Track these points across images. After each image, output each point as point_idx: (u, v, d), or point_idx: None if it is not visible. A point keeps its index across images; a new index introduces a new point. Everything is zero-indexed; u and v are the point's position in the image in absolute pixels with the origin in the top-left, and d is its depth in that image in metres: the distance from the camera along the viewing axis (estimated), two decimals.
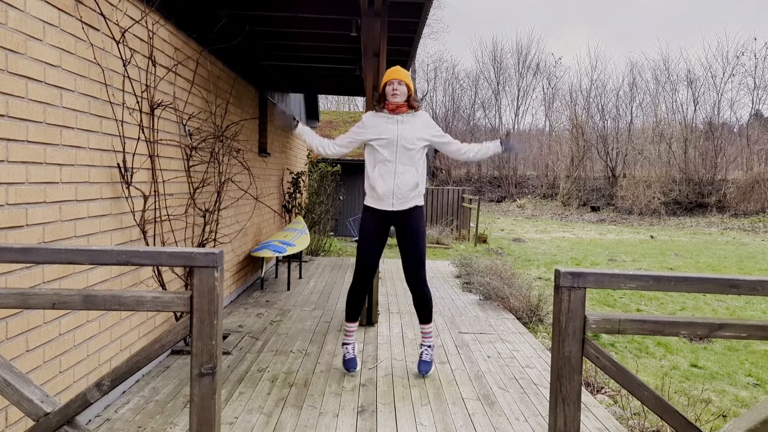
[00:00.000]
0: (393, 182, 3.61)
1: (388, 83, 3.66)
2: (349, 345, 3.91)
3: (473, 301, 6.38)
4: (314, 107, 12.02)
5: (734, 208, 23.88)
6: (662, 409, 1.82)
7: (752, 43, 40.90)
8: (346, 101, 35.57)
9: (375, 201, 3.69)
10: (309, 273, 7.90)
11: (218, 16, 5.03)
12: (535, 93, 47.65)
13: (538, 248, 14.72)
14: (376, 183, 3.63)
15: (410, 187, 3.63)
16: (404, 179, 3.61)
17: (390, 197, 3.63)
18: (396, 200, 3.63)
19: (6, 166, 2.31)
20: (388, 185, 3.61)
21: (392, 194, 3.62)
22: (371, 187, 3.68)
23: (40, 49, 2.51)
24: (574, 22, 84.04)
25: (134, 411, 3.14)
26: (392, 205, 3.64)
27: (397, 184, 3.60)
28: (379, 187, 3.62)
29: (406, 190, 3.62)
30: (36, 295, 1.74)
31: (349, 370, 3.84)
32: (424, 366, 3.86)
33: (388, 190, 3.61)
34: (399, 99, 3.63)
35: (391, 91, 3.64)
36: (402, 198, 3.63)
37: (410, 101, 3.68)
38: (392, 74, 3.67)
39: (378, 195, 3.65)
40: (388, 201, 3.64)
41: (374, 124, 3.68)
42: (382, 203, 3.65)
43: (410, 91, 3.68)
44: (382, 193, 3.62)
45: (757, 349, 6.13)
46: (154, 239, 3.76)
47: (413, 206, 3.69)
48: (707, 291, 1.87)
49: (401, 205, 3.64)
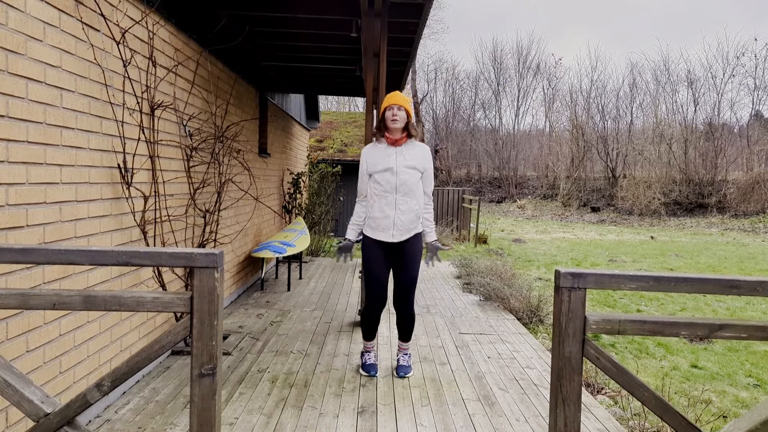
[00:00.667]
0: (393, 215, 3.64)
1: (387, 108, 3.67)
2: (369, 354, 3.96)
3: (473, 301, 6.38)
4: (314, 107, 12.02)
5: (734, 209, 23.87)
6: (662, 410, 1.82)
7: (752, 43, 40.94)
8: (347, 101, 35.59)
9: (375, 232, 3.70)
10: (309, 274, 7.90)
11: (218, 16, 5.03)
12: (536, 93, 47.67)
13: (539, 249, 14.72)
14: (377, 215, 3.67)
15: (411, 219, 3.67)
16: (405, 212, 3.64)
17: (391, 229, 3.66)
18: (396, 231, 3.66)
19: (6, 167, 2.31)
20: (389, 218, 3.64)
21: (393, 226, 3.65)
22: (372, 216, 3.71)
23: (40, 50, 2.51)
24: (574, 22, 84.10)
25: (134, 411, 3.14)
26: (392, 237, 3.67)
27: (398, 216, 3.64)
28: (380, 219, 3.66)
29: (407, 221, 3.66)
30: (36, 295, 1.74)
31: (369, 372, 3.86)
32: (402, 369, 3.88)
33: (389, 223, 3.65)
34: (398, 125, 3.63)
35: (390, 116, 3.64)
36: (403, 230, 3.66)
37: (409, 128, 3.68)
38: (392, 99, 3.67)
39: (379, 225, 3.68)
40: (388, 232, 3.67)
41: (374, 158, 3.70)
42: (383, 234, 3.68)
43: (409, 117, 3.69)
44: (383, 225, 3.66)
45: (758, 350, 6.13)
46: (155, 240, 3.77)
47: (413, 235, 3.72)
48: (707, 291, 1.87)
49: (401, 236, 3.68)
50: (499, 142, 33.72)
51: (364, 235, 3.80)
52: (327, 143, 16.03)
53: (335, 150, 15.63)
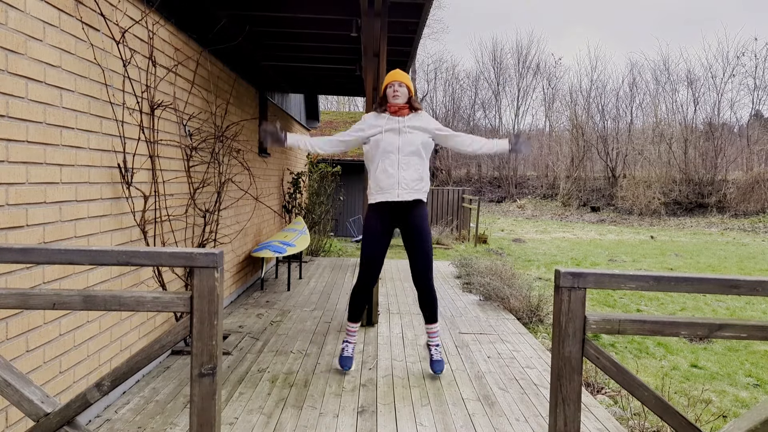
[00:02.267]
0: (397, 173, 3.58)
1: (388, 85, 3.67)
2: (349, 344, 3.92)
3: (473, 301, 6.38)
4: (314, 107, 12.02)
5: (734, 209, 23.87)
6: (662, 410, 1.82)
7: (752, 43, 40.93)
8: (346, 101, 35.58)
9: (380, 193, 3.64)
10: (309, 273, 7.90)
11: (218, 16, 5.03)
12: (535, 93, 47.70)
13: (538, 249, 14.71)
14: (381, 175, 3.61)
15: (415, 177, 3.61)
16: (408, 170, 3.60)
17: (396, 188, 3.60)
18: (402, 190, 3.60)
19: (6, 167, 2.31)
20: (392, 177, 3.59)
21: (398, 184, 3.59)
22: (376, 180, 3.65)
23: (40, 50, 2.51)
24: (574, 22, 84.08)
25: (134, 411, 3.14)
26: (398, 196, 3.60)
27: (401, 175, 3.59)
28: (384, 179, 3.60)
29: (411, 180, 3.61)
30: (36, 295, 1.74)
31: (343, 368, 3.84)
32: (437, 365, 3.83)
33: (394, 181, 3.59)
34: (400, 100, 3.63)
35: (392, 93, 3.64)
36: (407, 188, 3.60)
37: (411, 103, 3.68)
38: (393, 76, 3.68)
39: (383, 187, 3.62)
40: (393, 192, 3.60)
41: (376, 122, 3.69)
42: (388, 194, 3.61)
43: (411, 93, 3.68)
44: (387, 185, 3.60)
45: (758, 350, 6.13)
46: (155, 239, 3.76)
47: (418, 199, 3.66)
48: (707, 291, 1.87)
49: (407, 195, 3.61)
50: None
51: (369, 204, 3.74)
52: None
53: None
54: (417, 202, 3.68)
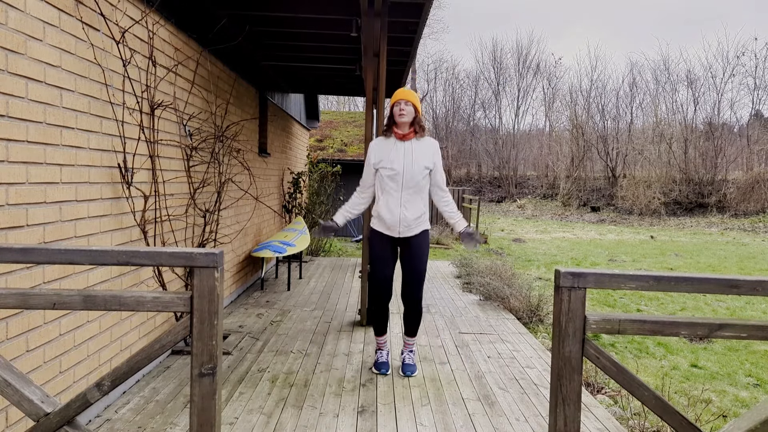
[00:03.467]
0: (399, 212, 3.68)
1: (395, 104, 3.71)
2: (383, 351, 4.00)
3: (473, 301, 6.38)
4: (314, 107, 12.02)
5: (734, 209, 23.87)
6: (662, 410, 1.82)
7: (752, 43, 40.94)
8: (346, 101, 35.59)
9: (382, 226, 3.76)
10: (309, 273, 7.90)
11: (218, 16, 5.03)
12: (535, 93, 47.67)
13: (538, 248, 14.72)
14: (383, 212, 3.71)
15: (416, 216, 3.70)
16: (410, 209, 3.68)
17: (397, 226, 3.71)
18: (403, 228, 3.71)
19: (6, 167, 2.31)
20: (394, 216, 3.68)
21: (398, 223, 3.70)
22: (378, 212, 3.75)
23: (40, 50, 2.51)
24: (574, 21, 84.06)
25: (134, 411, 3.14)
26: (399, 233, 3.73)
27: (403, 213, 3.68)
28: (386, 217, 3.70)
29: (412, 219, 3.70)
30: (36, 295, 1.74)
31: (380, 371, 3.89)
32: (407, 368, 3.89)
33: (395, 220, 3.69)
34: (405, 119, 3.67)
35: (398, 112, 3.67)
36: (408, 226, 3.71)
37: (416, 123, 3.71)
38: (399, 95, 3.72)
39: (385, 223, 3.73)
40: (395, 229, 3.72)
41: (382, 150, 3.73)
42: (389, 231, 3.74)
43: (417, 113, 3.72)
44: (389, 223, 3.71)
45: (758, 350, 6.13)
46: (155, 239, 3.77)
47: (420, 231, 3.76)
48: (707, 291, 1.87)
49: (407, 233, 3.73)
50: (499, 142, 33.72)
51: (371, 228, 3.84)
52: (327, 143, 16.03)
53: (335, 149, 15.63)
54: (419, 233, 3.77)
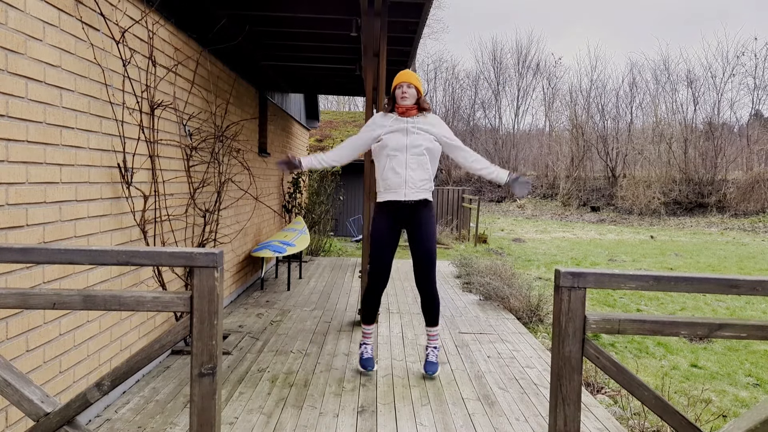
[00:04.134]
0: (405, 173, 3.61)
1: (397, 86, 3.68)
2: (367, 345, 3.94)
3: (473, 301, 6.38)
4: (314, 107, 12.02)
5: (734, 208, 23.87)
6: (662, 409, 1.82)
7: (752, 42, 40.95)
8: (346, 101, 35.56)
9: (387, 192, 3.67)
10: (309, 273, 7.90)
11: (218, 16, 5.03)
12: (535, 93, 47.55)
13: (538, 248, 14.72)
14: (388, 175, 3.64)
15: (423, 177, 3.63)
16: (416, 170, 3.62)
17: (403, 187, 3.62)
18: (408, 189, 3.62)
19: (6, 166, 2.31)
20: (400, 176, 3.61)
21: (405, 184, 3.61)
22: (383, 180, 3.68)
23: (40, 49, 2.51)
24: (574, 21, 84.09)
25: (134, 411, 3.14)
26: (405, 195, 3.63)
27: (409, 174, 3.61)
28: (391, 178, 3.63)
29: (418, 180, 3.63)
30: (36, 295, 1.74)
31: (366, 369, 3.85)
32: (430, 366, 3.83)
33: (401, 180, 3.61)
34: (408, 102, 3.64)
35: (400, 94, 3.65)
36: (414, 188, 3.62)
37: (420, 104, 3.69)
38: (402, 77, 3.69)
39: (390, 186, 3.65)
40: (401, 191, 3.63)
41: (384, 121, 3.70)
42: (395, 194, 3.64)
43: (420, 94, 3.69)
44: (394, 183, 3.63)
45: (757, 349, 6.13)
46: (155, 239, 3.76)
47: (424, 198, 3.68)
48: (707, 291, 1.87)
49: (414, 195, 3.63)
50: (499, 142, 33.73)
51: (377, 203, 3.77)
52: (327, 143, 16.02)
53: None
54: (424, 202, 3.69)
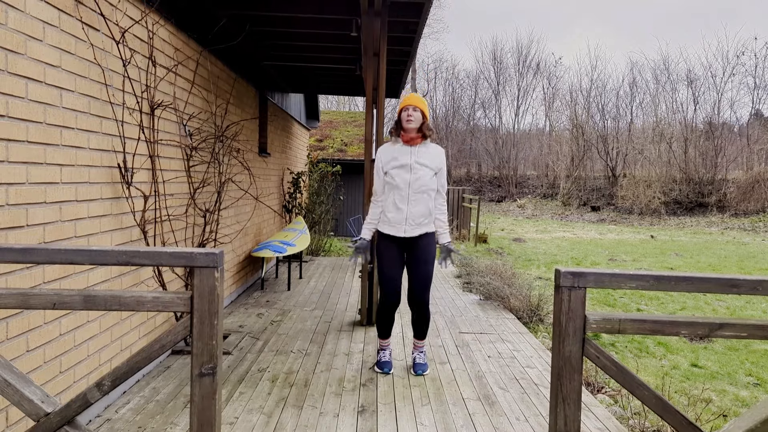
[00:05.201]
0: (406, 209, 3.70)
1: (403, 109, 3.76)
2: (385, 351, 4.00)
3: (473, 301, 6.38)
4: (314, 107, 12.02)
5: (734, 208, 23.87)
6: (663, 409, 1.82)
7: (752, 42, 40.93)
8: (346, 101, 35.56)
9: (388, 227, 3.78)
10: (309, 273, 7.90)
11: (218, 16, 5.03)
12: (535, 93, 47.53)
13: (539, 248, 14.72)
14: (391, 208, 3.74)
15: (423, 214, 3.72)
16: (417, 206, 3.70)
17: (402, 224, 3.72)
18: (408, 226, 3.72)
19: (6, 167, 2.31)
20: (401, 212, 3.70)
21: (405, 221, 3.71)
22: (386, 212, 3.78)
23: (40, 50, 2.51)
24: (574, 21, 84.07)
25: (135, 411, 3.14)
26: (404, 232, 3.73)
27: (410, 210, 3.70)
28: (393, 214, 3.73)
29: (419, 216, 3.71)
30: (36, 295, 1.74)
31: (383, 369, 3.90)
32: (419, 367, 3.91)
33: (402, 216, 3.71)
34: (413, 125, 3.71)
35: (406, 117, 3.72)
36: (414, 224, 3.72)
37: (424, 129, 3.75)
38: (408, 101, 3.76)
39: (391, 221, 3.75)
40: (400, 228, 3.73)
41: (389, 154, 3.77)
42: (395, 230, 3.75)
43: (425, 118, 3.75)
44: (395, 219, 3.72)
45: (758, 349, 6.13)
46: (155, 239, 3.77)
47: (425, 233, 3.77)
48: (707, 291, 1.87)
49: (413, 232, 3.73)
50: (499, 142, 33.71)
51: (379, 232, 3.86)
52: (327, 143, 16.03)
53: (335, 149, 15.63)
54: (424, 234, 3.77)
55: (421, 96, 3.86)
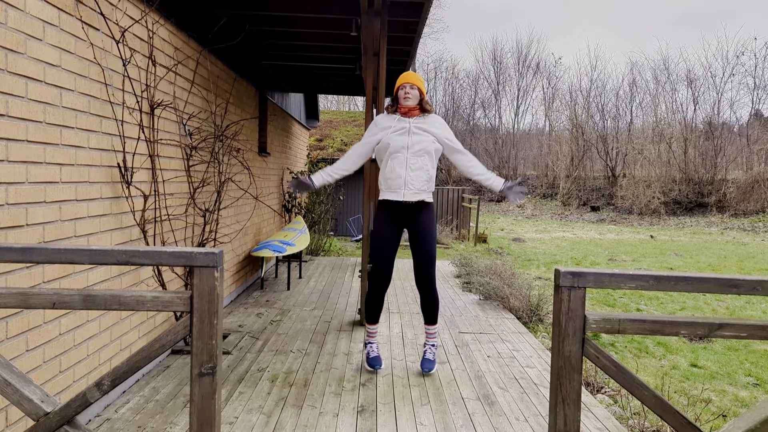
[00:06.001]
0: (405, 173, 3.64)
1: (400, 87, 3.72)
2: (372, 344, 3.95)
3: (473, 301, 6.38)
4: (314, 107, 12.01)
5: (734, 208, 23.87)
6: (662, 409, 1.82)
7: (752, 42, 40.94)
8: (346, 101, 35.55)
9: (387, 192, 3.72)
10: (309, 273, 7.90)
11: (218, 15, 5.02)
12: (535, 93, 47.42)
13: (538, 248, 14.72)
14: (389, 173, 3.68)
15: (423, 178, 3.67)
16: (417, 170, 3.65)
17: (402, 187, 3.66)
18: (407, 191, 3.66)
19: (6, 166, 2.31)
20: (400, 176, 3.65)
21: (404, 184, 3.65)
22: (384, 179, 3.73)
23: (39, 49, 2.51)
24: (574, 21, 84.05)
25: (134, 411, 3.14)
26: (403, 196, 3.67)
27: (409, 174, 3.64)
28: (392, 177, 3.67)
29: (418, 180, 3.66)
30: (36, 294, 1.74)
31: (374, 367, 3.86)
32: (427, 364, 3.86)
33: (401, 181, 3.65)
34: (411, 102, 3.68)
35: (403, 95, 3.68)
36: (413, 188, 3.66)
37: (422, 104, 3.72)
38: (405, 78, 3.72)
39: (390, 186, 3.69)
40: (400, 191, 3.67)
41: (386, 122, 3.74)
42: (394, 193, 3.68)
43: (422, 95, 3.72)
44: (394, 184, 3.67)
45: (757, 349, 6.14)
46: (154, 239, 3.76)
47: (423, 200, 3.71)
48: (707, 291, 1.87)
49: (413, 196, 3.67)
50: (499, 141, 33.72)
51: (379, 201, 3.81)
52: (327, 142, 16.02)
53: (335, 149, 15.62)
54: (424, 203, 3.73)
55: (416, 73, 3.83)
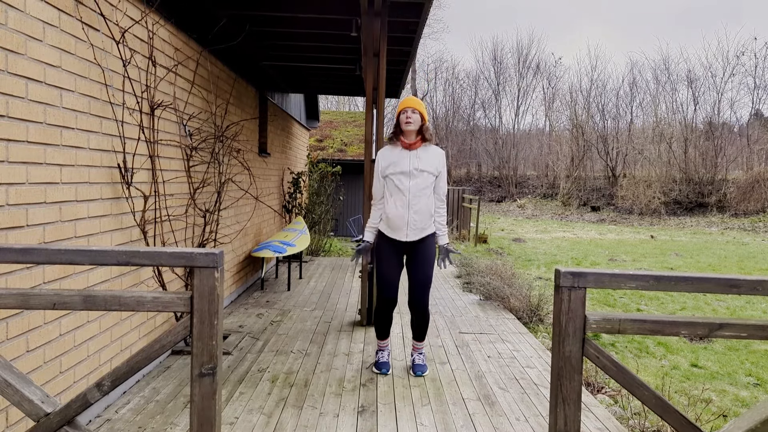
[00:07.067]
0: (408, 214, 3.67)
1: (402, 111, 3.75)
2: (383, 352, 4.00)
3: (473, 301, 6.38)
4: (314, 107, 12.02)
5: (734, 208, 23.86)
6: (663, 409, 1.82)
7: (752, 42, 40.88)
8: (346, 101, 35.55)
9: (390, 231, 3.76)
10: (309, 273, 7.90)
11: (218, 16, 5.03)
12: (535, 93, 47.44)
13: (539, 248, 14.71)
14: (391, 213, 3.71)
15: (424, 218, 3.71)
16: (418, 211, 3.68)
17: (405, 228, 3.70)
18: (411, 231, 3.70)
19: (6, 167, 2.31)
20: (402, 218, 3.68)
21: (407, 226, 3.69)
22: (387, 217, 3.75)
23: (40, 50, 2.51)
24: (574, 21, 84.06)
25: (135, 411, 3.14)
26: (407, 236, 3.71)
27: (411, 216, 3.68)
28: (394, 219, 3.70)
29: (420, 221, 3.70)
30: (36, 295, 1.74)
31: (380, 371, 3.89)
32: (419, 368, 3.91)
33: (403, 222, 3.69)
34: (412, 127, 3.69)
35: (404, 120, 3.71)
36: (416, 229, 3.70)
37: (423, 132, 3.74)
38: (406, 103, 3.76)
39: (392, 227, 3.73)
40: (402, 232, 3.71)
41: (389, 159, 3.76)
42: (397, 234, 3.73)
43: (424, 121, 3.74)
44: (396, 225, 3.70)
45: (758, 349, 6.13)
46: (155, 239, 3.77)
47: (427, 235, 3.76)
48: (707, 291, 1.87)
49: (415, 236, 3.72)
50: (499, 142, 33.70)
51: (379, 232, 3.86)
52: (327, 143, 16.03)
53: (335, 149, 15.63)
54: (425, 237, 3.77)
55: (418, 99, 3.87)
